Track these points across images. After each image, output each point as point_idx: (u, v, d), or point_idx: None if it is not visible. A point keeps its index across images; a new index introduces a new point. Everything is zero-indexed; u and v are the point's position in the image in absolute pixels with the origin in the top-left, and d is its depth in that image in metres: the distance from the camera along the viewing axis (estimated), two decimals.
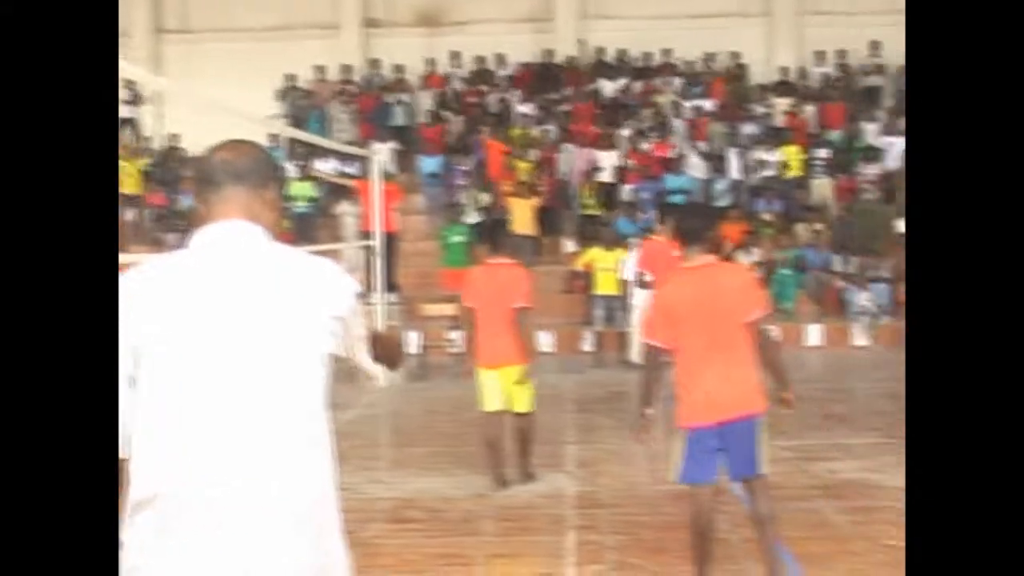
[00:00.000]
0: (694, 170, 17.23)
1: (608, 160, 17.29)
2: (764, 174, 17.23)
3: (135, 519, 2.38)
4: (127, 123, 18.54)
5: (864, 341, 14.78)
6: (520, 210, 15.86)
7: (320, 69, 19.44)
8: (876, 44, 18.50)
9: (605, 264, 13.55)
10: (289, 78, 19.26)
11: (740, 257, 14.56)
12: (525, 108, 18.71)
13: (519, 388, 7.16)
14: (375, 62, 19.83)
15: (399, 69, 19.40)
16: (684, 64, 19.29)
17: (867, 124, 17.89)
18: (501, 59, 19.54)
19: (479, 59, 19.52)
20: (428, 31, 19.99)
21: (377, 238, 12.43)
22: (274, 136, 16.66)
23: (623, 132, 17.88)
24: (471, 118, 18.52)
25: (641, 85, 18.99)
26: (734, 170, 17.33)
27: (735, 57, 19.26)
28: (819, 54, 19.00)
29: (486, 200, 16.80)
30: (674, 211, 10.03)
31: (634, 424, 5.13)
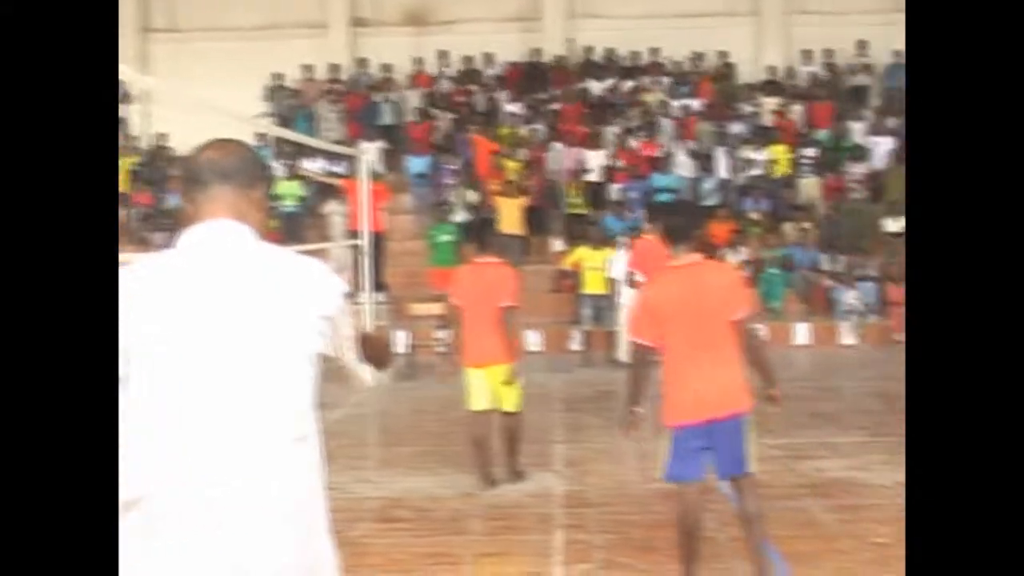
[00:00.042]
0: (682, 169, 17.24)
1: (596, 159, 17.29)
2: (752, 173, 17.24)
3: (123, 520, 2.37)
4: None
5: (852, 340, 14.82)
6: (508, 209, 15.84)
7: (308, 68, 19.39)
8: (863, 43, 18.58)
9: (593, 263, 13.55)
10: (277, 77, 19.21)
11: (728, 256, 14.59)
12: (513, 107, 18.69)
13: (507, 387, 7.16)
14: (363, 61, 19.79)
15: (387, 68, 19.36)
16: (672, 63, 19.29)
17: (854, 123, 17.94)
18: (489, 58, 19.53)
19: (467, 58, 19.49)
20: (416, 30, 19.96)
21: (365, 237, 12.41)
22: (262, 135, 16.62)
23: (611, 131, 17.89)
24: (459, 117, 18.50)
25: (629, 84, 18.99)
26: (722, 169, 17.35)
27: (723, 56, 19.27)
28: (806, 53, 19.03)
29: (474, 197, 16.79)
30: (662, 210, 10.03)
31: (623, 421, 5.13)
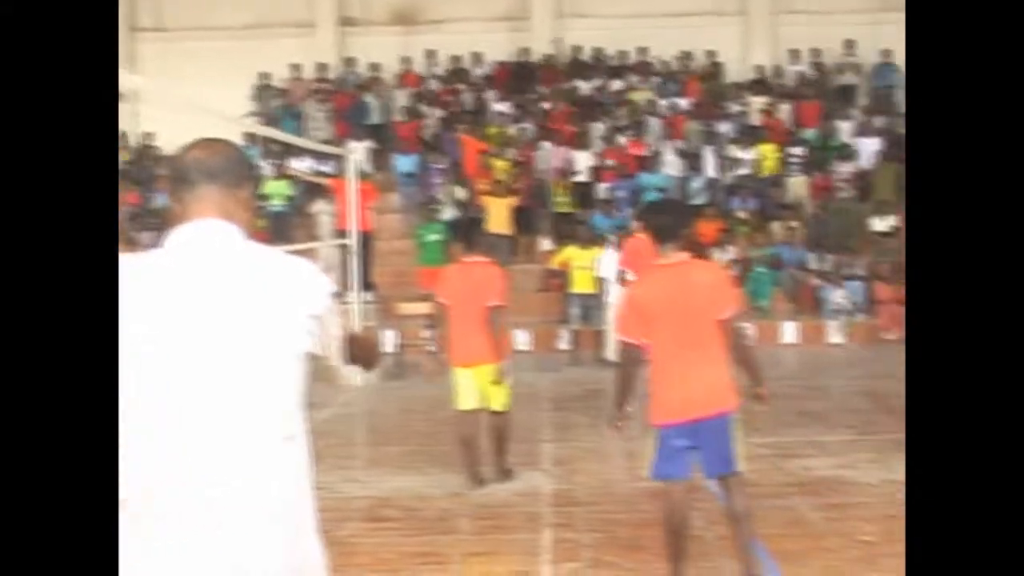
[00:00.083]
0: (670, 168, 17.25)
1: (584, 159, 17.30)
2: (739, 172, 17.27)
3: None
4: None
5: (839, 338, 14.85)
6: (496, 208, 15.83)
7: (296, 67, 19.34)
8: (851, 43, 18.62)
9: (581, 262, 13.55)
10: (264, 76, 19.17)
11: (716, 255, 14.61)
12: (501, 107, 18.69)
13: (495, 386, 7.14)
14: (351, 60, 19.75)
15: (375, 68, 19.33)
16: (660, 63, 19.31)
17: (842, 122, 17.98)
18: (477, 58, 19.52)
19: (455, 58, 19.47)
20: (404, 30, 19.93)
21: (353, 237, 12.40)
22: (250, 135, 16.57)
23: (599, 130, 17.90)
24: (447, 116, 18.48)
25: (617, 84, 19.00)
26: (710, 168, 17.36)
27: (710, 56, 19.29)
28: (794, 53, 19.06)
29: (462, 196, 16.78)
30: (650, 209, 10.03)
31: (611, 420, 5.13)
